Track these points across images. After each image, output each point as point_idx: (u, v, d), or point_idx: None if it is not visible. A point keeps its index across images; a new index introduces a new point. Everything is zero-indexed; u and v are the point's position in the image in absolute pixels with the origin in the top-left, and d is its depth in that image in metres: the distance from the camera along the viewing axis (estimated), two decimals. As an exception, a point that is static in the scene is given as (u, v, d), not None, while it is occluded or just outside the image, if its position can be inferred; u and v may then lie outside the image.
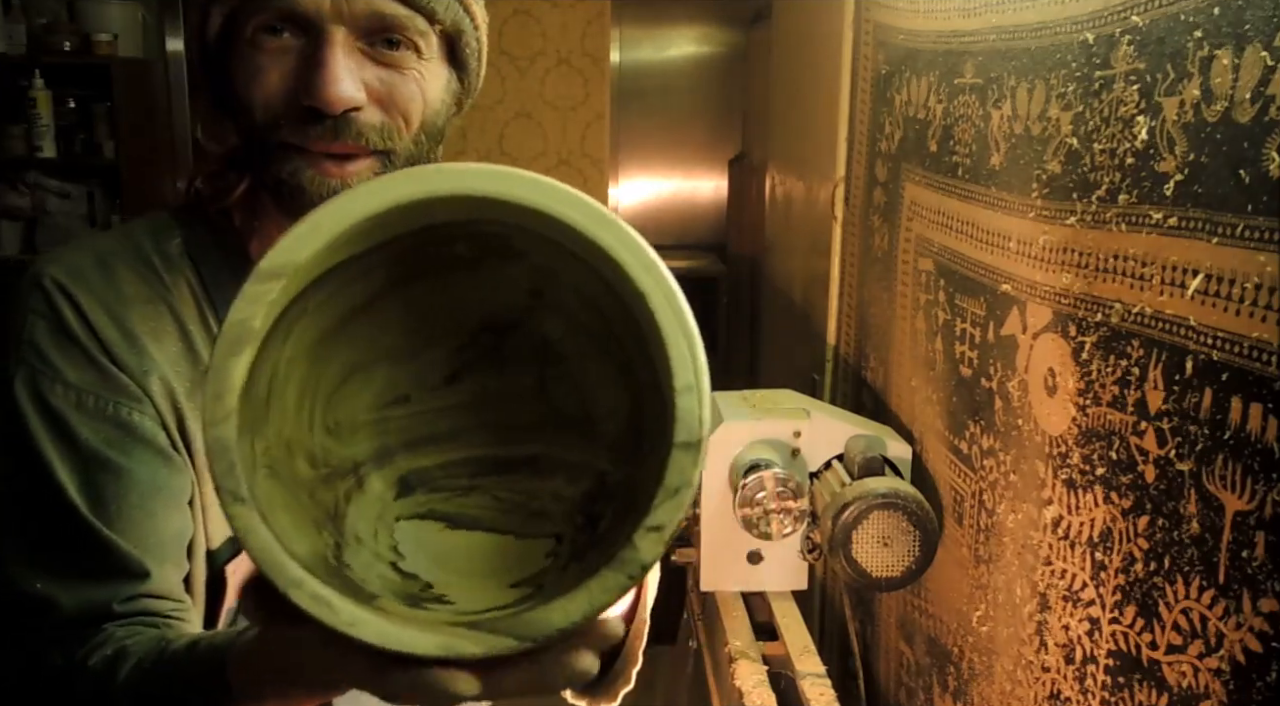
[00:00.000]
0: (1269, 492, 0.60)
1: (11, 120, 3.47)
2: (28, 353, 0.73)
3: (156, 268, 0.78)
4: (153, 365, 0.75)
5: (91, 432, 0.73)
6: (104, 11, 3.58)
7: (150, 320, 0.77)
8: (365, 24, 0.70)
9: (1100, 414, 0.79)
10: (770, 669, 1.26)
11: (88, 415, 0.73)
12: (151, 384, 0.75)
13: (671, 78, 4.20)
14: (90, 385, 0.73)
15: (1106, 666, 0.79)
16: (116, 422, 0.74)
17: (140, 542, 0.73)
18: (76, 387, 0.73)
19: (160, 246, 0.80)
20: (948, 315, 1.15)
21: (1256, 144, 0.61)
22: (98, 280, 0.76)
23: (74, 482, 0.72)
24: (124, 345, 0.75)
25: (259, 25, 0.70)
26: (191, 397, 0.77)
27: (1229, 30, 0.64)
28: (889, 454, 1.22)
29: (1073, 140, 0.84)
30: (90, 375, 0.73)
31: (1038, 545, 0.91)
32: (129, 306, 0.76)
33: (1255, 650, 0.61)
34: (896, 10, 1.38)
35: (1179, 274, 0.69)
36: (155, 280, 0.78)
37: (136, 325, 0.76)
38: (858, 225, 1.60)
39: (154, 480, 0.74)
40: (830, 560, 1.16)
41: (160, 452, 0.75)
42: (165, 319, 0.77)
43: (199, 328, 0.78)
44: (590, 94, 4.17)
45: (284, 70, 0.71)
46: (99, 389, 0.73)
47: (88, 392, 0.73)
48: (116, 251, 0.78)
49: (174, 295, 0.78)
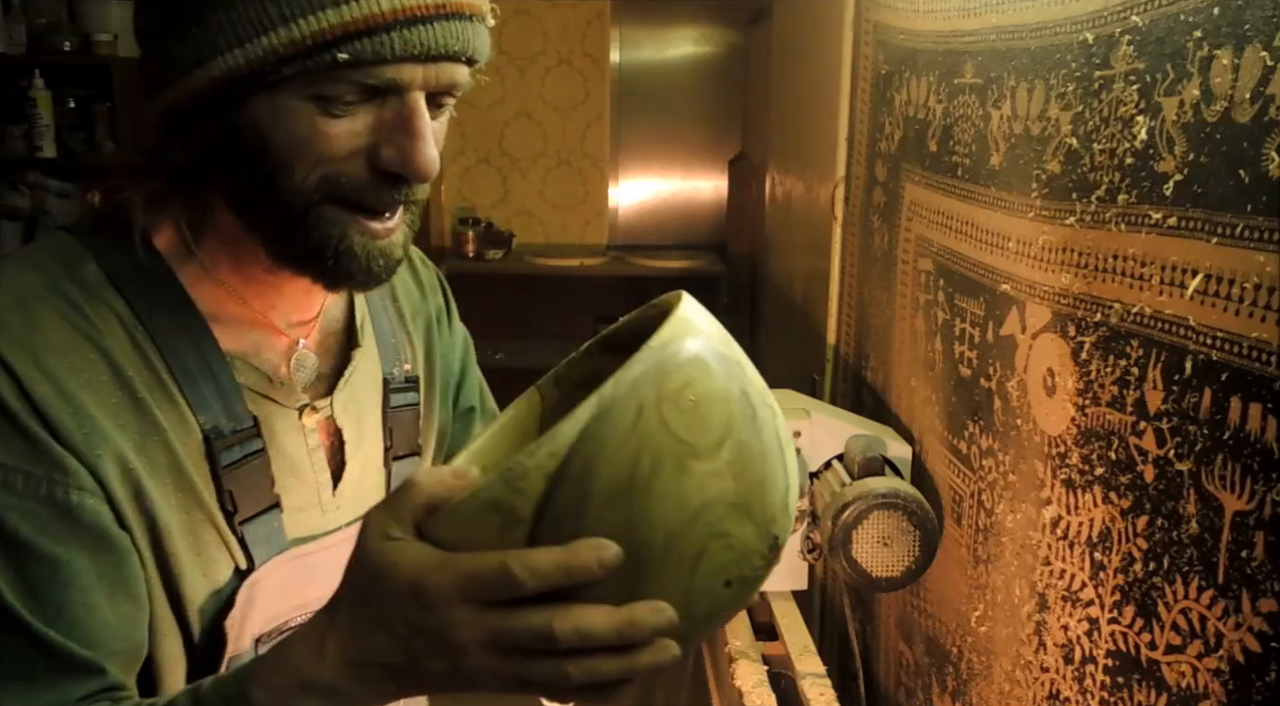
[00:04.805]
0: (1268, 493, 0.60)
1: (11, 120, 3.47)
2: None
3: (77, 302, 0.68)
4: (93, 426, 0.65)
5: (22, 519, 0.63)
6: (104, 11, 3.58)
7: (84, 371, 0.66)
8: (438, 89, 0.68)
9: (1099, 414, 0.80)
10: (770, 669, 1.26)
11: (18, 497, 0.63)
12: (95, 449, 0.65)
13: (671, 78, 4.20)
14: (20, 461, 0.63)
15: (1105, 666, 0.79)
16: (52, 504, 0.64)
17: (87, 638, 0.65)
18: (4, 466, 0.63)
19: (75, 275, 0.69)
20: (947, 315, 1.15)
21: (1256, 144, 0.61)
22: (20, 329, 0.65)
23: (6, 578, 0.63)
24: (60, 407, 0.64)
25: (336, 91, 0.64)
26: (142, 452, 0.68)
27: (1229, 30, 0.64)
28: (889, 454, 1.23)
29: (1072, 140, 0.84)
30: (20, 448, 0.63)
31: (1037, 545, 0.91)
32: (59, 357, 0.66)
33: (1254, 650, 0.61)
34: (896, 10, 1.38)
35: (1178, 274, 0.69)
36: (79, 318, 0.67)
37: (68, 380, 0.65)
38: (858, 225, 1.60)
39: (95, 569, 0.66)
40: (830, 560, 1.16)
41: (102, 535, 0.66)
42: (99, 367, 0.67)
43: (137, 369, 0.69)
44: (590, 94, 4.17)
45: (354, 131, 0.65)
46: (30, 465, 0.63)
47: (16, 471, 0.63)
48: (35, 287, 0.67)
49: (103, 335, 0.68)
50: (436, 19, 0.64)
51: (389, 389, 0.85)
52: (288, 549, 0.76)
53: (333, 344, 0.82)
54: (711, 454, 0.54)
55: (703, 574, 0.54)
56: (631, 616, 0.52)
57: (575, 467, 0.52)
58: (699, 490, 0.54)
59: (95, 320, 0.68)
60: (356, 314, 0.84)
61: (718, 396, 0.55)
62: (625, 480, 0.52)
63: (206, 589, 0.72)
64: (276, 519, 0.75)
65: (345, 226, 0.68)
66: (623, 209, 4.29)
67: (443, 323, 0.95)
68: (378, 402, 0.84)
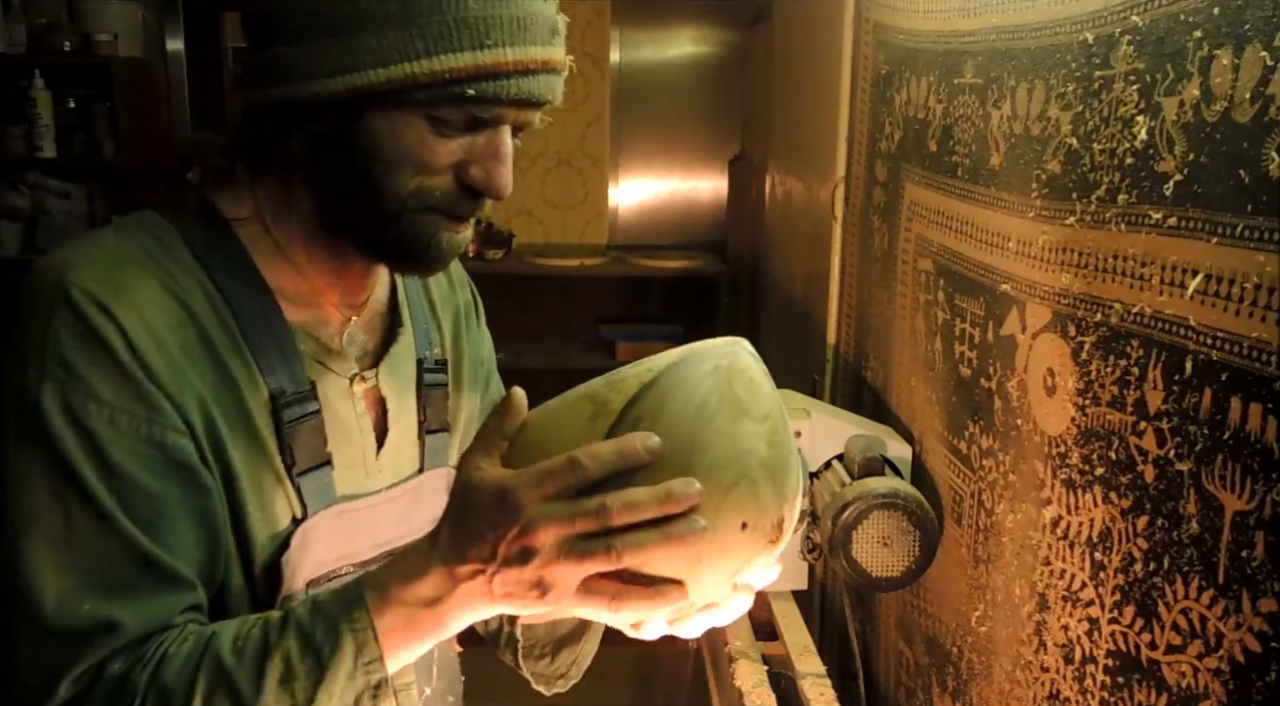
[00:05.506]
0: (1268, 493, 0.60)
1: (11, 120, 3.47)
2: (55, 366, 0.71)
3: (167, 268, 0.77)
4: (183, 375, 0.75)
5: (125, 453, 0.72)
6: (104, 11, 3.58)
7: (175, 327, 0.76)
8: (519, 124, 0.81)
9: (1099, 414, 0.80)
10: (770, 669, 1.26)
11: (122, 434, 0.72)
12: (185, 397, 0.75)
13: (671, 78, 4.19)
14: (125, 402, 0.72)
15: (1106, 666, 0.79)
16: (150, 441, 0.73)
17: (180, 558, 0.74)
18: (111, 406, 0.72)
19: (165, 245, 0.79)
20: (947, 315, 1.15)
21: (1256, 144, 0.61)
22: (126, 287, 0.74)
23: (113, 501, 0.71)
24: (157, 356, 0.74)
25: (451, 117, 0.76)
26: (219, 403, 0.77)
27: (1229, 30, 0.64)
28: (889, 454, 1.23)
29: (1072, 140, 0.84)
30: (125, 392, 0.72)
31: (1037, 545, 0.91)
32: (156, 312, 0.75)
33: (1255, 650, 0.61)
34: (896, 10, 1.38)
35: (1179, 274, 0.69)
36: (170, 281, 0.77)
37: (164, 334, 0.75)
38: (858, 225, 1.60)
39: (184, 501, 0.75)
40: (830, 560, 1.16)
41: (190, 471, 0.75)
42: (187, 325, 0.77)
43: (216, 330, 0.78)
44: (590, 94, 4.17)
45: (452, 150, 0.77)
46: (133, 407, 0.72)
47: (121, 412, 0.72)
48: (133, 252, 0.77)
49: (190, 298, 0.77)
50: (542, 73, 0.77)
51: (422, 368, 0.94)
52: (336, 503, 0.84)
53: (378, 324, 0.92)
54: (759, 421, 0.68)
55: (729, 505, 0.65)
56: (668, 487, 0.63)
57: (661, 385, 0.67)
58: (745, 438, 0.67)
59: (183, 284, 0.78)
60: (399, 300, 0.95)
61: (766, 393, 0.70)
62: (695, 407, 0.66)
63: (266, 532, 0.80)
64: (328, 475, 0.83)
65: (436, 227, 0.79)
66: (623, 209, 4.29)
67: (470, 318, 1.05)
68: (413, 380, 0.93)
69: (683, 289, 4.03)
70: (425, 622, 0.70)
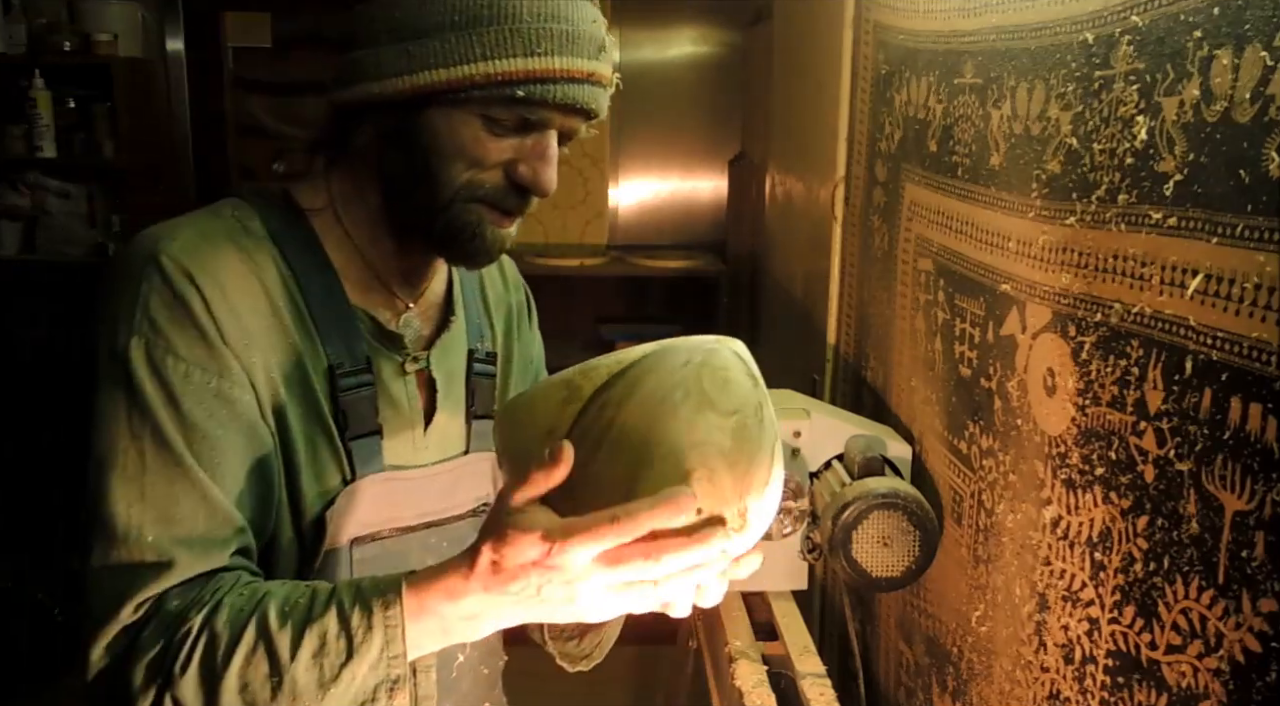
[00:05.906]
0: (1268, 493, 0.60)
1: (11, 120, 3.46)
2: (144, 323, 0.81)
3: (245, 246, 0.87)
4: (252, 339, 0.84)
5: (196, 403, 0.81)
6: (104, 11, 3.57)
7: (249, 297, 0.85)
8: (565, 131, 0.89)
9: (1099, 414, 0.80)
10: (770, 669, 1.26)
11: (194, 388, 0.81)
12: (253, 361, 0.84)
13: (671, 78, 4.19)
14: (199, 360, 0.82)
15: (1106, 666, 0.79)
16: (219, 395, 0.82)
17: (237, 502, 0.83)
18: (187, 361, 0.81)
19: (245, 225, 0.89)
20: (947, 315, 1.15)
21: (1256, 144, 0.61)
22: (209, 259, 0.84)
23: (183, 444, 0.80)
24: (230, 320, 0.83)
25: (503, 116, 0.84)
26: (282, 368, 0.87)
27: (1229, 30, 0.64)
28: (889, 454, 1.22)
29: (1072, 140, 0.84)
30: (200, 351, 0.82)
31: (1037, 545, 0.91)
32: (233, 282, 0.84)
33: (1255, 650, 0.61)
34: (896, 10, 1.38)
35: (1179, 274, 0.69)
36: (247, 257, 0.86)
37: (239, 301, 0.84)
38: (858, 225, 1.60)
39: (244, 452, 0.84)
40: (830, 560, 1.16)
41: (251, 426, 0.84)
42: (260, 296, 0.86)
43: (286, 304, 0.87)
44: (590, 94, 4.16)
45: (502, 149, 0.86)
46: (206, 364, 0.82)
47: (196, 367, 0.81)
48: (218, 230, 0.87)
49: (264, 273, 0.87)
50: (587, 83, 0.85)
51: (473, 358, 1.03)
52: (384, 471, 0.92)
53: (433, 314, 1.00)
54: (724, 415, 0.71)
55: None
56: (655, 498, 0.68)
57: (631, 375, 0.71)
58: (706, 430, 0.70)
59: (259, 260, 0.87)
60: (454, 293, 1.03)
61: (740, 390, 0.73)
62: (661, 396, 0.70)
63: (316, 489, 0.89)
64: (377, 443, 0.91)
65: (482, 217, 0.88)
66: (623, 209, 4.29)
67: (523, 317, 1.13)
68: (463, 367, 1.02)
69: (683, 289, 4.02)
70: (459, 631, 0.77)
